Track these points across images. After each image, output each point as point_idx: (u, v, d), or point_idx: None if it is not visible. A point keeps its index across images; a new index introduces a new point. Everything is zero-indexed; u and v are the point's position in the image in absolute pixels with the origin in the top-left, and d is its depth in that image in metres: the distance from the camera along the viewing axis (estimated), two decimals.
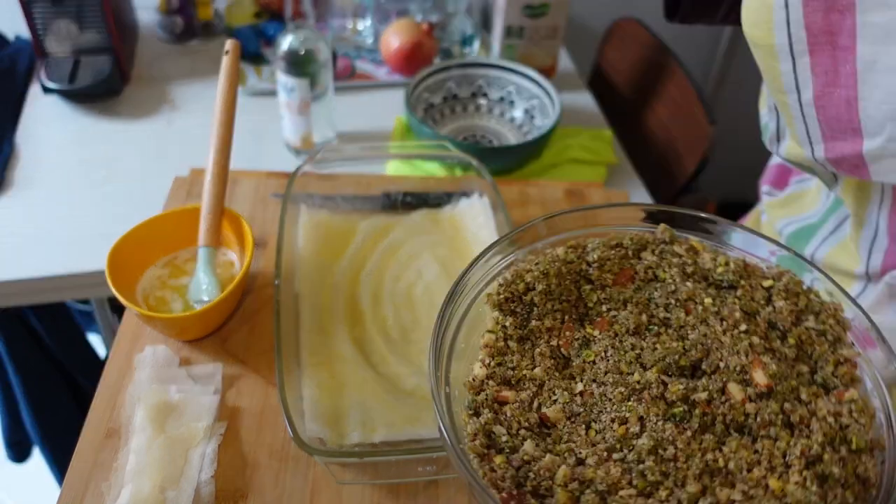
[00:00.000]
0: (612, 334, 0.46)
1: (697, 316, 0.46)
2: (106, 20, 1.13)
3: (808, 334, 0.45)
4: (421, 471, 0.58)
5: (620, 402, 0.42)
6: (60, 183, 1.05)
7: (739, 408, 0.41)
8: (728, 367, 0.42)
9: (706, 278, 0.48)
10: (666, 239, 0.50)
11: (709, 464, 0.39)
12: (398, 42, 1.23)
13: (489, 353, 0.45)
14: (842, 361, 0.44)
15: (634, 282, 0.48)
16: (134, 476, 0.55)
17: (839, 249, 0.62)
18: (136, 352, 0.65)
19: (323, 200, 0.78)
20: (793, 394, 0.42)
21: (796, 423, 0.40)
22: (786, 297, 0.46)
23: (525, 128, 1.17)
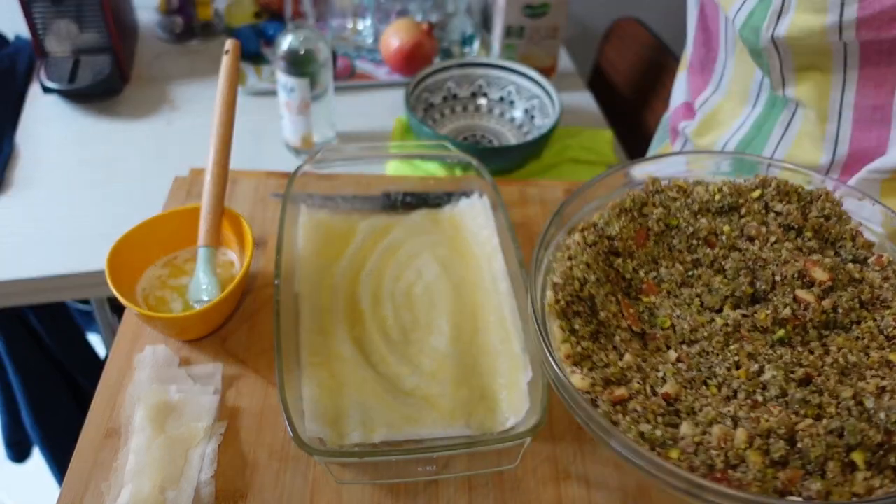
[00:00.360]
0: (665, 294, 0.47)
1: (724, 245, 0.48)
2: (106, 20, 1.13)
3: (819, 222, 0.49)
4: (421, 471, 0.58)
5: (722, 349, 0.43)
6: (60, 183, 1.05)
7: (818, 308, 0.43)
8: (786, 278, 0.45)
9: (709, 209, 0.50)
10: (657, 188, 0.52)
11: (834, 367, 0.41)
12: (398, 42, 1.22)
13: (574, 363, 0.44)
14: (854, 234, 0.48)
15: (650, 238, 0.49)
16: (134, 476, 0.55)
17: (796, 148, 0.63)
18: (135, 352, 0.65)
19: (323, 200, 0.78)
20: (847, 276, 0.45)
21: (868, 301, 0.44)
22: (780, 200, 0.50)
23: (525, 128, 1.17)
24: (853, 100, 0.56)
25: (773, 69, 0.59)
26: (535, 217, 0.83)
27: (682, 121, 0.76)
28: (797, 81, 0.59)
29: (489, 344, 0.66)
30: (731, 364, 0.42)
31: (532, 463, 0.60)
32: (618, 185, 0.54)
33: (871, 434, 0.38)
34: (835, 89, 0.57)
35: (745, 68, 0.65)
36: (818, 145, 0.60)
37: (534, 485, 0.58)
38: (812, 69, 0.57)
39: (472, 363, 0.64)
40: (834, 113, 0.58)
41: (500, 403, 0.61)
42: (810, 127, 0.61)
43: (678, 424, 0.40)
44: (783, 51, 0.56)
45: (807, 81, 0.58)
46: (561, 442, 0.61)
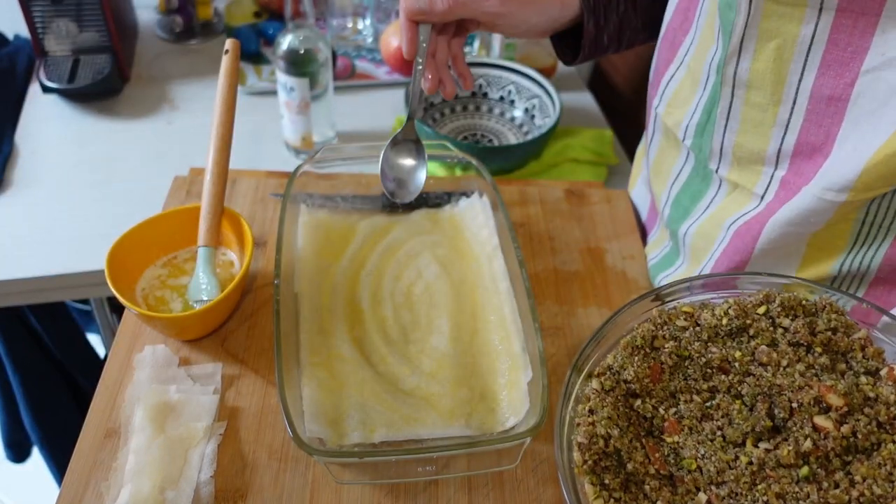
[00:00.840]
0: (687, 431, 0.47)
1: (737, 371, 0.49)
2: (105, 19, 1.13)
3: (827, 337, 0.49)
4: (421, 471, 0.58)
5: (750, 489, 0.43)
6: (60, 182, 1.05)
7: (837, 435, 0.44)
8: (803, 405, 0.45)
9: (718, 334, 0.51)
10: (665, 320, 0.52)
11: (861, 501, 0.42)
12: (398, 41, 1.22)
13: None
14: (864, 344, 0.48)
15: (665, 371, 0.50)
16: (133, 476, 0.55)
17: (742, 136, 0.61)
18: (135, 352, 0.65)
19: (323, 200, 0.77)
20: (861, 395, 0.46)
21: (885, 421, 0.44)
22: (787, 315, 0.50)
23: (525, 127, 1.16)
24: (810, 86, 0.55)
25: (734, 32, 0.57)
26: (535, 217, 0.83)
27: (654, 97, 0.75)
28: (756, 52, 0.56)
29: (489, 344, 0.66)
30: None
31: (532, 463, 0.60)
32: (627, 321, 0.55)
33: None
34: (794, 70, 0.55)
35: (705, 44, 0.63)
36: (766, 132, 0.59)
37: (534, 485, 0.58)
38: (776, 37, 0.55)
39: (472, 363, 0.64)
40: (788, 97, 0.56)
41: (500, 403, 0.61)
42: (756, 113, 0.59)
43: None
44: (756, 4, 0.54)
45: (766, 54, 0.56)
46: None
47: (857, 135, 0.53)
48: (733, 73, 0.59)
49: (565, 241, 0.80)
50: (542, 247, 0.79)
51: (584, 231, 0.81)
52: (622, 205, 0.85)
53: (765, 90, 0.57)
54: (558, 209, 0.84)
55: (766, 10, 0.54)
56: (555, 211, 0.83)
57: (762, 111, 0.58)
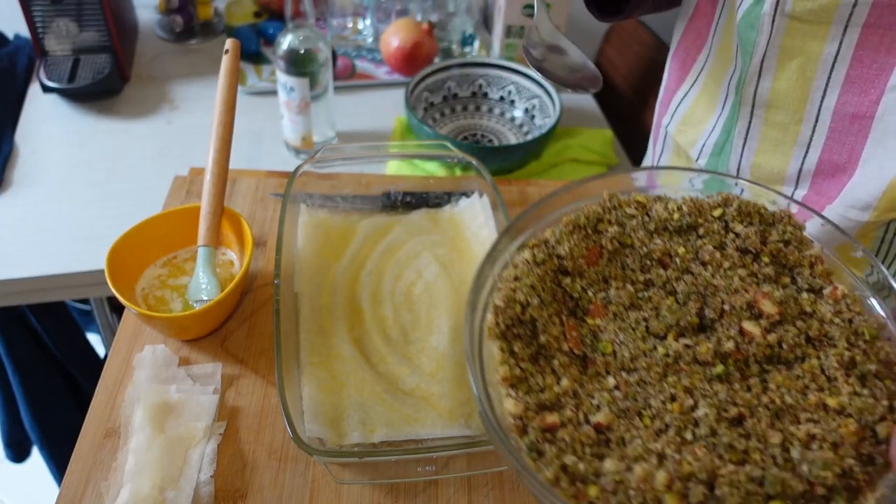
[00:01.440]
0: (611, 317, 0.45)
1: (677, 268, 0.47)
2: (106, 19, 1.13)
3: (778, 247, 0.47)
4: (420, 471, 0.58)
5: (660, 380, 0.42)
6: (59, 182, 1.05)
7: (762, 342, 0.42)
8: (735, 308, 0.44)
9: (667, 228, 0.49)
10: (615, 204, 0.50)
11: (769, 407, 0.40)
12: (398, 41, 1.22)
13: (510, 385, 0.43)
14: (813, 261, 0.47)
15: (603, 256, 0.48)
16: (133, 476, 0.55)
17: (761, 155, 0.60)
18: (135, 351, 0.65)
19: (323, 200, 0.78)
20: (797, 308, 0.44)
21: (815, 337, 0.43)
22: (741, 221, 0.48)
23: (525, 127, 1.17)
24: (833, 103, 0.54)
25: (756, 52, 0.56)
26: None
27: (665, 115, 0.74)
28: (778, 71, 0.55)
29: None
30: (666, 397, 0.41)
31: None
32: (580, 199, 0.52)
33: (792, 484, 0.37)
34: (817, 88, 0.54)
35: (722, 64, 0.62)
36: (786, 151, 0.58)
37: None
38: (799, 56, 0.54)
39: None
40: (811, 115, 0.56)
41: None
42: (776, 133, 0.58)
43: (605, 457, 0.39)
44: (778, 24, 0.53)
45: (788, 73, 0.55)
46: None
47: (883, 152, 0.52)
48: (753, 92, 0.58)
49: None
50: None
51: None
52: None
53: (786, 109, 0.56)
54: None
55: (789, 28, 0.53)
56: None
57: (783, 130, 0.58)
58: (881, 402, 0.40)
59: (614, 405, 0.41)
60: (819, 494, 0.37)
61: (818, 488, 0.37)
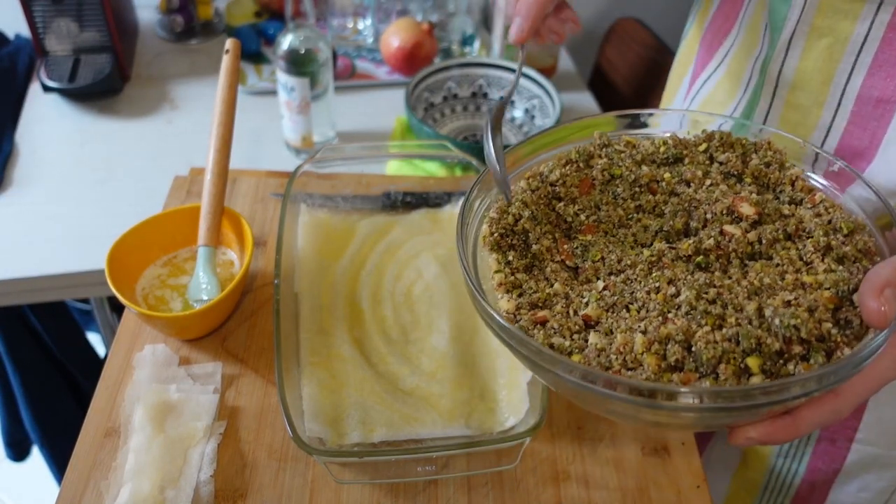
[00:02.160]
0: (602, 233, 0.48)
1: (664, 191, 0.50)
2: (106, 19, 1.13)
3: (759, 169, 0.50)
4: (420, 471, 0.58)
5: (646, 276, 0.44)
6: (60, 182, 1.05)
7: (743, 240, 0.45)
8: (715, 214, 0.47)
9: (654, 161, 0.52)
10: (605, 142, 0.53)
11: (748, 288, 0.42)
12: (398, 41, 1.22)
13: (506, 290, 0.46)
14: (794, 179, 0.49)
15: (596, 187, 0.51)
16: (133, 475, 0.55)
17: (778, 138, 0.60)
18: (135, 351, 0.65)
19: (323, 200, 0.78)
20: (777, 213, 0.47)
21: (793, 233, 0.45)
22: (724, 150, 0.51)
23: (525, 127, 1.17)
24: (858, 87, 0.53)
25: (786, 27, 0.54)
26: None
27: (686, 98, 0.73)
28: (805, 51, 0.54)
29: (489, 344, 0.66)
30: (651, 288, 0.43)
31: (532, 463, 0.60)
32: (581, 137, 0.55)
33: (767, 341, 0.38)
34: (843, 70, 0.53)
35: (749, 45, 0.61)
36: (805, 135, 0.57)
37: (533, 485, 0.58)
38: (828, 35, 0.53)
39: (471, 363, 0.64)
40: (834, 99, 0.55)
41: (500, 403, 0.61)
42: (797, 115, 0.57)
43: None
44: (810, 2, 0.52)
45: (812, 57, 0.54)
46: (560, 442, 0.61)
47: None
48: (778, 71, 0.57)
49: None
50: None
51: None
52: None
53: (809, 91, 0.56)
54: None
55: (822, 5, 0.52)
56: None
57: (804, 114, 0.57)
58: (857, 276, 0.42)
59: (602, 301, 0.44)
60: (796, 353, 0.38)
61: (794, 347, 0.38)
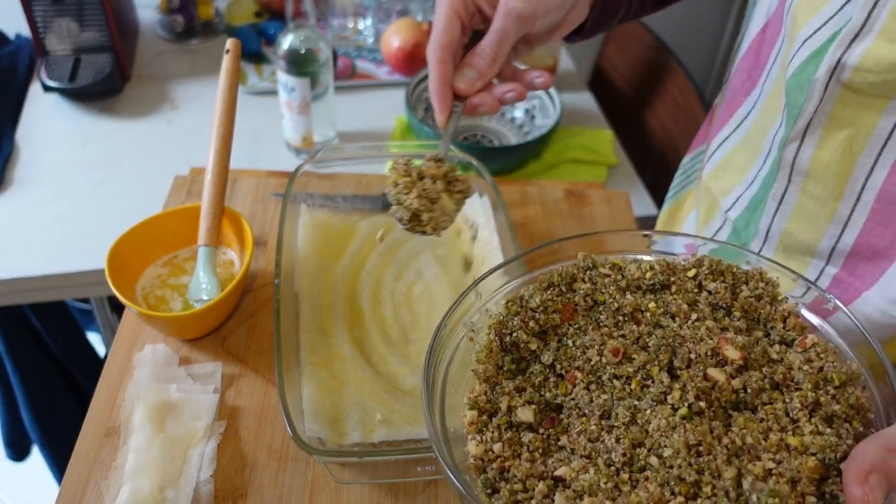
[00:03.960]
0: (583, 379, 0.45)
1: (648, 322, 0.47)
2: (107, 19, 1.13)
3: (749, 302, 0.47)
4: (420, 471, 0.58)
5: (626, 426, 0.42)
6: (60, 181, 1.05)
7: (727, 388, 0.42)
8: (699, 356, 0.44)
9: (639, 287, 0.49)
10: (589, 265, 0.50)
11: (729, 447, 0.39)
12: (399, 42, 1.22)
13: (477, 430, 0.43)
14: (787, 315, 0.47)
15: (578, 313, 0.48)
16: (133, 475, 0.55)
17: (793, 223, 0.56)
18: (135, 351, 0.65)
19: (323, 200, 0.78)
20: (764, 357, 0.44)
21: (781, 382, 0.43)
22: (714, 279, 0.49)
23: (525, 128, 1.17)
24: (880, 184, 0.49)
25: (801, 116, 0.51)
26: (535, 217, 0.83)
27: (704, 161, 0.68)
28: (822, 140, 0.51)
29: None
30: (626, 443, 0.41)
31: None
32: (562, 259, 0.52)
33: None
34: (863, 164, 0.49)
35: (768, 115, 0.58)
36: (820, 226, 0.54)
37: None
38: (848, 127, 0.49)
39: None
40: (852, 193, 0.51)
41: None
42: (812, 205, 0.54)
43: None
44: (831, 91, 0.49)
45: (831, 148, 0.50)
46: None
47: None
48: (793, 157, 0.53)
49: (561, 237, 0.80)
50: None
51: (585, 231, 0.81)
52: (622, 205, 0.85)
53: (825, 183, 0.52)
54: (558, 209, 0.84)
55: (842, 97, 0.49)
56: (555, 211, 0.83)
57: (820, 204, 0.53)
58: (846, 441, 0.39)
59: (575, 459, 0.41)
60: None
61: None
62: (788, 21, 0.53)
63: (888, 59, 0.45)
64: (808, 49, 0.50)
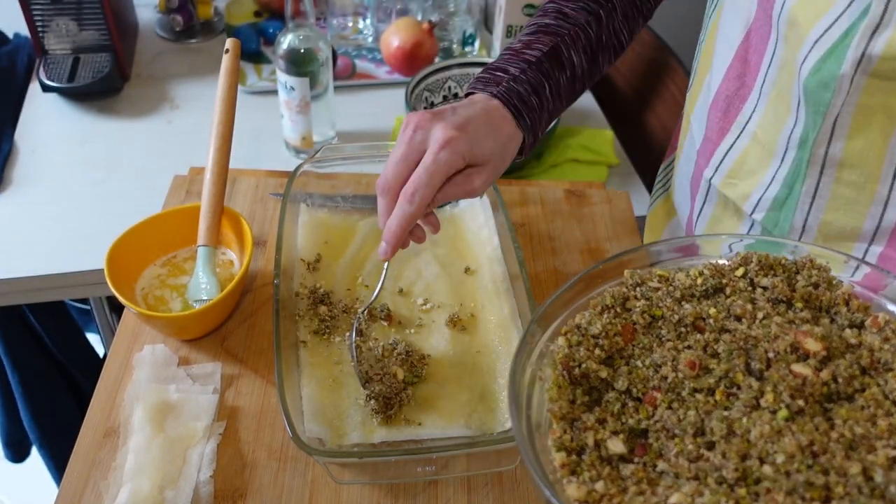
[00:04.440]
0: (663, 398, 0.43)
1: (713, 329, 0.46)
2: (106, 18, 1.13)
3: (807, 292, 0.46)
4: (420, 471, 0.58)
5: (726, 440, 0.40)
6: (59, 181, 1.05)
7: (816, 381, 0.41)
8: (779, 354, 0.42)
9: (693, 295, 0.48)
10: (638, 281, 0.49)
11: (840, 441, 0.39)
12: (398, 41, 1.22)
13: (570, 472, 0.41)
14: (847, 298, 0.46)
15: (639, 332, 0.47)
16: (133, 475, 0.55)
17: (831, 213, 0.57)
18: (134, 351, 0.65)
19: (323, 200, 0.77)
20: (843, 344, 0.43)
21: (868, 366, 0.42)
22: (765, 274, 0.48)
23: None
24: None
25: (829, 112, 0.52)
26: (535, 217, 0.83)
27: (707, 167, 0.68)
28: (853, 130, 0.52)
29: (489, 344, 0.66)
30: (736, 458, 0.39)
31: None
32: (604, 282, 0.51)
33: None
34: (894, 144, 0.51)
35: (775, 116, 0.58)
36: (861, 210, 0.55)
37: (533, 485, 0.58)
38: (879, 112, 0.51)
39: (471, 363, 0.64)
40: (888, 173, 0.53)
41: (500, 403, 0.61)
42: (850, 192, 0.55)
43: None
44: (857, 83, 0.50)
45: (863, 135, 0.52)
46: None
47: None
48: (824, 153, 0.54)
49: (566, 242, 0.80)
50: (542, 247, 0.79)
51: (585, 232, 0.81)
52: (622, 205, 0.85)
53: (862, 168, 0.54)
54: (558, 209, 0.84)
55: (868, 86, 0.50)
56: (555, 211, 0.83)
57: (857, 189, 0.55)
58: None
59: (682, 480, 0.39)
60: None
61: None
62: (783, 26, 0.54)
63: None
64: (822, 48, 0.51)
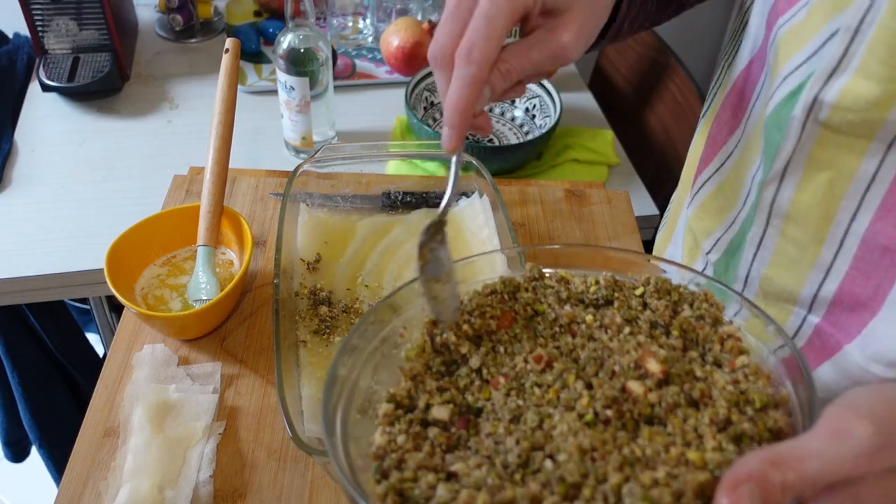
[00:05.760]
0: (507, 385, 0.44)
1: (583, 335, 0.46)
2: (105, 18, 1.13)
3: (688, 322, 0.46)
4: None
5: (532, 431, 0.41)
6: (59, 181, 1.05)
7: (644, 400, 0.41)
8: (622, 368, 0.43)
9: (582, 300, 0.49)
10: (535, 276, 0.50)
11: (626, 456, 0.39)
12: (398, 41, 1.22)
13: (389, 422, 0.42)
14: (725, 338, 0.45)
15: (517, 322, 0.47)
16: (132, 475, 0.55)
17: (773, 269, 0.53)
18: (134, 351, 0.65)
19: (322, 199, 0.77)
20: (689, 374, 0.43)
21: (699, 399, 0.41)
22: (658, 297, 0.47)
23: (526, 127, 1.16)
24: (863, 229, 0.46)
25: (779, 157, 0.48)
26: (535, 217, 0.83)
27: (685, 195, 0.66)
28: (802, 182, 0.48)
29: None
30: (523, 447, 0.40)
31: None
32: None
33: None
34: (846, 208, 0.47)
35: (748, 155, 0.55)
36: (802, 272, 0.51)
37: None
38: (828, 169, 0.46)
39: None
40: (835, 238, 0.48)
41: None
42: (793, 249, 0.51)
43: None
44: (809, 130, 0.46)
45: (811, 189, 0.48)
46: None
47: None
48: (771, 199, 0.50)
49: (566, 242, 0.80)
50: None
51: (585, 231, 0.81)
52: (622, 205, 0.85)
53: (807, 226, 0.49)
54: (558, 209, 0.84)
55: (821, 137, 0.46)
56: (555, 211, 0.83)
57: (801, 249, 0.51)
58: None
59: (477, 455, 0.40)
60: None
61: None
62: (771, 57, 0.50)
63: (867, 96, 0.42)
64: (788, 86, 0.47)
